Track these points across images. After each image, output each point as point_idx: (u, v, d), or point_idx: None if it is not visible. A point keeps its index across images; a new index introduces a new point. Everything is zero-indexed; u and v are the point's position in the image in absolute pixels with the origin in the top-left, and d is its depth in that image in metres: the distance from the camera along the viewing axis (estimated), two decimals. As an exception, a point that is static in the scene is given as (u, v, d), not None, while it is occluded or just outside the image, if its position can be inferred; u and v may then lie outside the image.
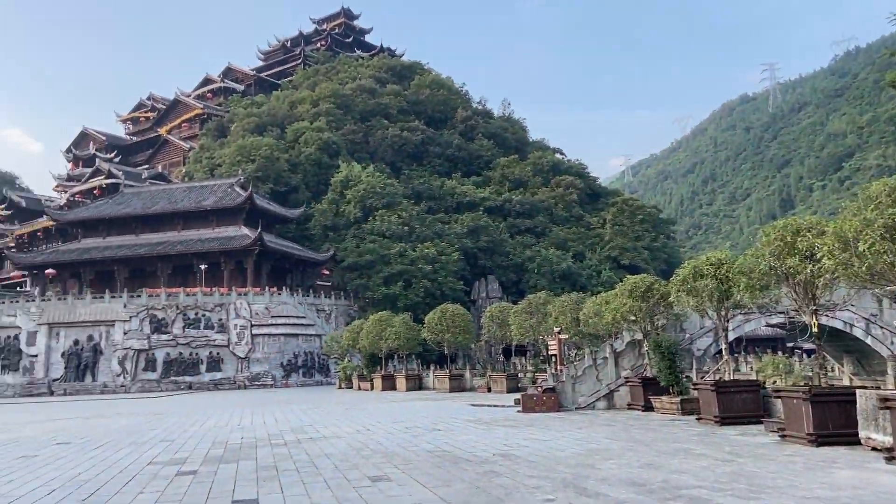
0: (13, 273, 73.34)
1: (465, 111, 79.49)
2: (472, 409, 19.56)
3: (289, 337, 47.06)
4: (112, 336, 45.07)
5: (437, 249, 54.38)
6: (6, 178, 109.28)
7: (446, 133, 74.24)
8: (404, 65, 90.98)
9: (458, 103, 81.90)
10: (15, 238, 74.02)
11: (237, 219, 52.21)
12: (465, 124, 76.90)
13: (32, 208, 76.47)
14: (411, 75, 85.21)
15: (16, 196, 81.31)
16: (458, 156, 71.56)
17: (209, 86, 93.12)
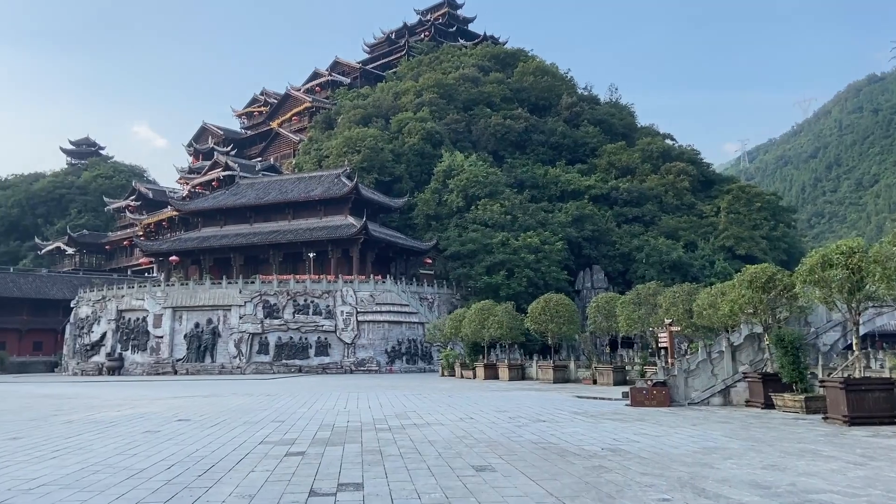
0: (142, 259, 78.64)
1: (569, 97, 77.96)
2: (578, 401, 19.11)
3: (392, 324, 47.87)
4: (229, 320, 47.38)
5: (541, 238, 53.67)
6: (135, 172, 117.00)
7: (550, 120, 73.09)
8: (507, 52, 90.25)
9: (562, 89, 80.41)
10: (143, 227, 79.27)
11: (343, 208, 53.54)
12: (570, 111, 75.42)
13: (158, 199, 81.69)
14: (515, 63, 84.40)
15: (143, 188, 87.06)
16: (563, 143, 70.29)
17: (317, 80, 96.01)
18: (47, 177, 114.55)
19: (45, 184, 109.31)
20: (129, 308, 51.01)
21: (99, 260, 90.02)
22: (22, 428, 13.90)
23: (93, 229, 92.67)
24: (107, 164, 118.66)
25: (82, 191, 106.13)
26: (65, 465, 8.97)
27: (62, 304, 61.78)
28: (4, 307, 63.79)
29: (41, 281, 68.42)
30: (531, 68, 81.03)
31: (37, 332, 65.55)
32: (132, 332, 50.31)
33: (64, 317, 59.47)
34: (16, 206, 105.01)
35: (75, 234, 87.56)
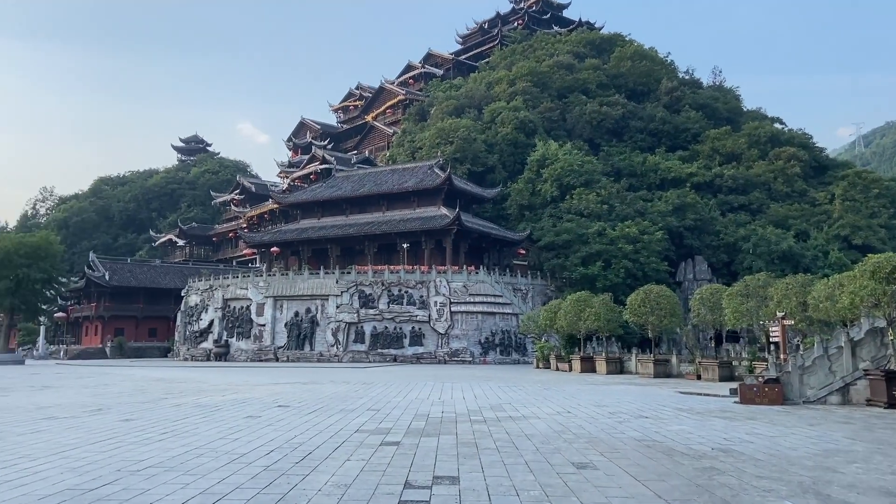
0: (246, 250, 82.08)
1: (669, 82, 75.09)
2: (682, 397, 18.27)
3: (486, 315, 47.68)
4: (326, 309, 48.56)
5: (639, 228, 51.98)
6: (239, 167, 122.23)
7: (649, 106, 70.69)
8: (604, 38, 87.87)
9: (661, 74, 77.54)
10: (247, 220, 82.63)
11: (436, 199, 53.74)
12: (670, 96, 72.65)
13: (260, 193, 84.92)
14: (611, 48, 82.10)
15: (247, 182, 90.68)
16: (662, 129, 67.82)
17: (411, 72, 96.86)
18: (160, 173, 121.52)
19: (158, 180, 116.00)
20: (234, 297, 53.18)
21: (207, 251, 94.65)
22: (135, 410, 14.58)
23: (201, 222, 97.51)
24: (213, 161, 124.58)
25: (191, 186, 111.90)
26: (170, 448, 9.25)
27: (174, 292, 65.20)
28: (123, 296, 68.07)
29: (155, 271, 72.54)
30: (629, 53, 78.58)
31: (152, 320, 69.60)
32: (237, 320, 52.43)
33: (175, 305, 62.75)
34: (132, 200, 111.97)
35: (185, 226, 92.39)
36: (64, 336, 75.24)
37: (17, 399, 17.78)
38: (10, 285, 48.08)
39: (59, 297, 68.74)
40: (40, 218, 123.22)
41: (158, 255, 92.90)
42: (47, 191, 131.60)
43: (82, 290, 69.74)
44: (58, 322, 74.31)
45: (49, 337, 74.40)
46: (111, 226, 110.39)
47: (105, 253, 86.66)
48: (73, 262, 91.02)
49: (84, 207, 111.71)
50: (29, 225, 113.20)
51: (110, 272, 67.18)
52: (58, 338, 75.64)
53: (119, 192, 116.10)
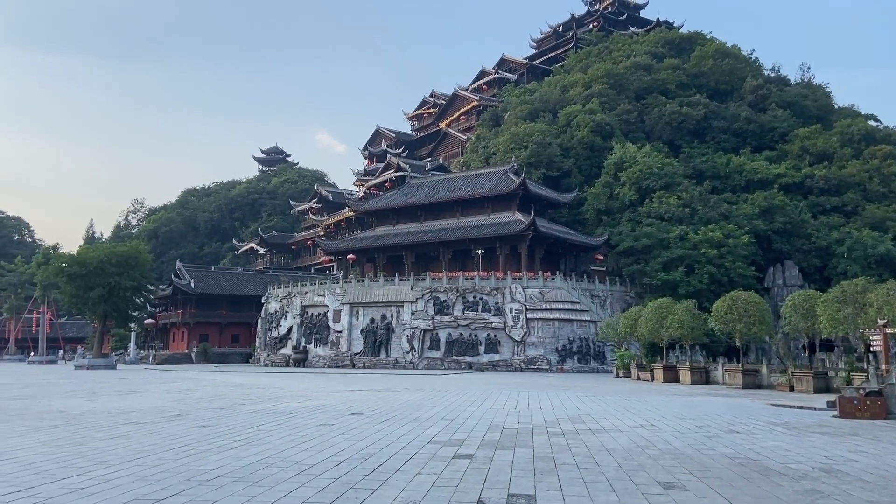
0: (323, 258, 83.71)
1: (754, 80, 72.05)
2: (774, 410, 17.15)
3: (563, 322, 46.76)
4: (401, 316, 48.71)
5: (723, 232, 50.07)
6: (317, 176, 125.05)
7: (732, 105, 68.02)
8: (683, 37, 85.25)
9: (745, 72, 74.52)
10: (324, 227, 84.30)
11: (511, 205, 53.22)
12: (755, 94, 69.68)
13: (337, 201, 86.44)
14: (691, 47, 79.55)
15: (324, 191, 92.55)
16: (747, 129, 65.10)
17: (484, 78, 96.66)
18: (242, 184, 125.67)
19: (240, 190, 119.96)
20: (312, 304, 54.09)
21: (286, 259, 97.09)
22: (212, 416, 14.74)
23: (281, 231, 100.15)
24: (293, 171, 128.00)
25: (272, 195, 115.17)
26: (242, 457, 9.16)
27: (255, 300, 66.97)
28: (208, 303, 70.44)
29: (237, 279, 74.80)
30: (710, 51, 75.91)
31: (234, 326, 71.73)
32: (314, 327, 53.29)
33: (256, 312, 64.41)
34: (217, 211, 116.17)
35: (265, 235, 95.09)
36: (153, 342, 78.50)
37: (103, 403, 18.37)
38: (102, 293, 50.40)
39: (148, 304, 71.74)
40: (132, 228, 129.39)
41: (241, 264, 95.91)
42: (138, 202, 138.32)
43: (170, 297, 72.61)
44: (147, 328, 77.54)
45: (139, 342, 77.72)
46: (197, 235, 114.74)
47: (191, 261, 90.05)
48: (162, 271, 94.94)
49: (172, 218, 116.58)
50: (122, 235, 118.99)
51: (195, 280, 69.65)
52: (147, 343, 78.96)
53: (204, 203, 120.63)
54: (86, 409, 16.60)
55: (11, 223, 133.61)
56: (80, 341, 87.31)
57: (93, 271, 50.45)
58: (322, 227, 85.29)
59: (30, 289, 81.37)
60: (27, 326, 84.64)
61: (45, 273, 59.92)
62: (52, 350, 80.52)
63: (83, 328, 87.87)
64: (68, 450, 9.85)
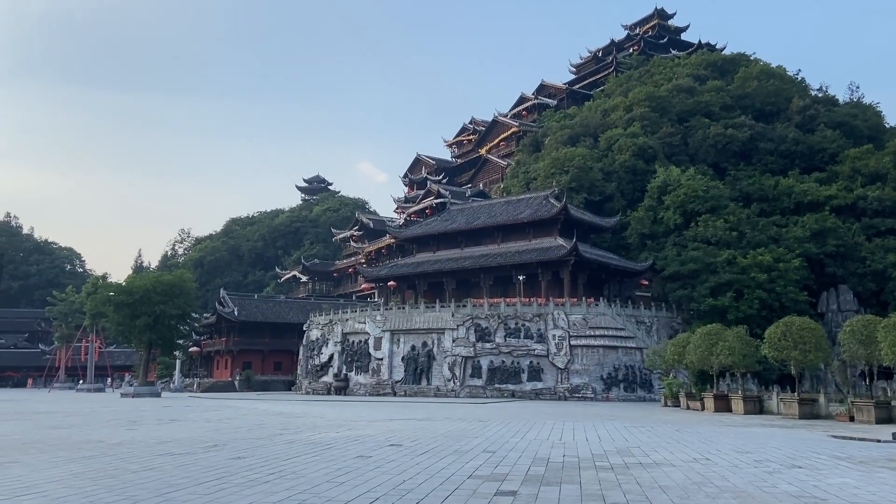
0: (364, 285, 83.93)
1: (801, 100, 70.35)
2: (837, 443, 16.13)
3: (608, 349, 45.70)
4: (442, 343, 48.19)
5: (773, 256, 48.47)
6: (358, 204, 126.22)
7: (779, 126, 66.40)
8: (726, 58, 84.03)
9: (792, 92, 72.88)
10: (365, 255, 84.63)
11: (552, 230, 52.58)
12: (803, 115, 67.95)
13: (378, 228, 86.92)
14: (734, 69, 78.26)
15: (365, 218, 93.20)
16: (795, 150, 63.39)
17: (524, 104, 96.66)
18: (285, 212, 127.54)
19: (283, 219, 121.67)
20: (353, 331, 53.97)
21: (328, 286, 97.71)
22: (248, 447, 14.45)
23: (323, 258, 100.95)
24: (334, 199, 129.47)
25: (314, 223, 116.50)
26: (273, 492, 8.79)
27: (297, 327, 67.19)
28: (251, 331, 70.98)
29: (280, 306, 75.32)
30: (754, 72, 74.56)
31: (277, 354, 72.05)
32: (355, 354, 53.10)
33: (298, 339, 64.58)
34: (260, 239, 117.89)
35: (308, 262, 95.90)
36: (197, 369, 79.36)
37: (142, 432, 18.27)
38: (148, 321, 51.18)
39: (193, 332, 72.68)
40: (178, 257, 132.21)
41: (283, 291, 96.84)
42: (185, 232, 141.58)
43: (214, 325, 73.41)
44: (192, 356, 78.47)
45: (184, 370, 78.70)
46: (241, 264, 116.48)
47: (235, 290, 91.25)
48: (207, 299, 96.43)
49: (217, 247, 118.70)
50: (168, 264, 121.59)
51: (239, 308, 70.33)
52: (192, 371, 79.86)
53: (248, 232, 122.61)
54: (124, 438, 16.49)
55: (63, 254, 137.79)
56: (128, 369, 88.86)
57: (139, 300, 51.35)
58: (363, 254, 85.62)
59: (80, 318, 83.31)
60: (76, 355, 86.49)
61: (94, 302, 61.27)
62: (101, 378, 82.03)
63: (131, 356, 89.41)
64: (99, 483, 9.61)
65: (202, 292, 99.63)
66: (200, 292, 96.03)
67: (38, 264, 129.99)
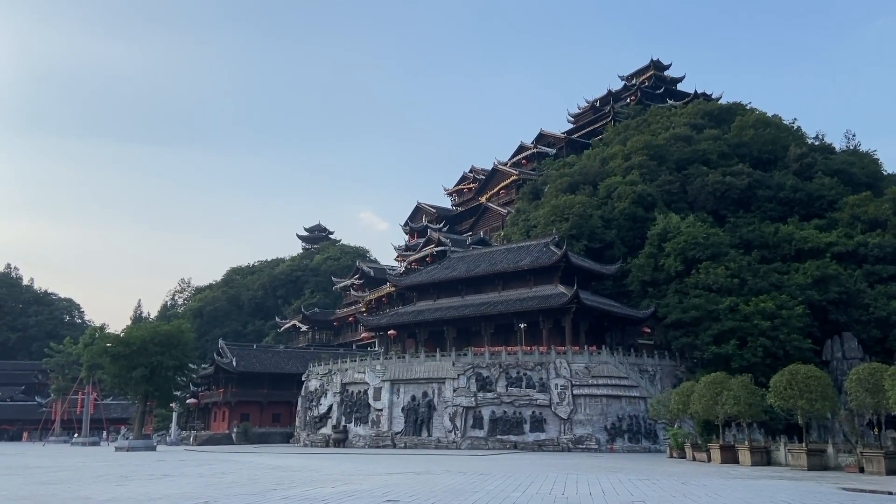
0: (364, 334, 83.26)
1: (798, 148, 71.00)
2: (848, 496, 15.62)
3: (611, 398, 45.08)
4: (443, 393, 47.54)
5: (776, 303, 48.26)
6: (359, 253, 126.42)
7: (777, 174, 66.83)
8: (722, 108, 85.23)
9: (788, 140, 73.65)
10: (365, 303, 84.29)
11: (553, 277, 52.44)
12: (800, 163, 68.48)
13: (378, 277, 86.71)
14: (731, 118, 79.25)
15: (366, 267, 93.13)
16: (794, 197, 63.64)
17: (523, 153, 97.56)
18: (286, 261, 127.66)
19: (284, 268, 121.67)
20: (352, 381, 53.33)
21: (328, 336, 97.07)
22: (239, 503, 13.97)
23: (323, 307, 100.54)
24: (335, 248, 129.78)
25: (314, 272, 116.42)
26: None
27: (296, 378, 66.43)
28: (249, 382, 70.13)
29: (279, 356, 74.61)
30: (751, 121, 75.51)
31: (275, 405, 71.06)
32: (354, 405, 52.37)
33: (298, 390, 63.77)
34: (261, 289, 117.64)
35: (308, 312, 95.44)
36: (194, 422, 78.20)
37: (132, 488, 17.75)
38: (144, 373, 50.56)
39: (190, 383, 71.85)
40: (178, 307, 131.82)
41: (283, 341, 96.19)
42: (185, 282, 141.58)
43: (211, 376, 72.59)
44: (189, 408, 77.43)
45: (181, 423, 77.52)
46: (241, 313, 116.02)
47: (235, 339, 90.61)
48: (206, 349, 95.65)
49: (217, 297, 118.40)
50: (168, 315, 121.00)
51: (237, 358, 69.66)
52: (189, 423, 78.69)
53: (248, 281, 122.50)
54: (112, 495, 15.98)
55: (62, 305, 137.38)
56: (124, 422, 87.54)
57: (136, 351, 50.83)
58: (363, 302, 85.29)
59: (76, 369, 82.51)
60: (73, 407, 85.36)
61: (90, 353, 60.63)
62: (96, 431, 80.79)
63: (127, 409, 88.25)
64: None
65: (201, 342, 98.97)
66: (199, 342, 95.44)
67: (37, 315, 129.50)
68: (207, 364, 75.51)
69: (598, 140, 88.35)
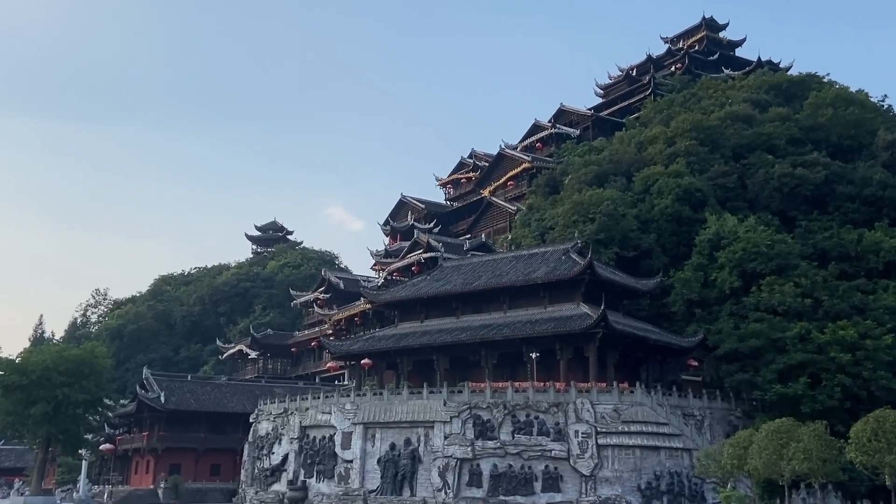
0: (330, 364, 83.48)
1: (889, 134, 71.54)
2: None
3: (646, 450, 45.20)
4: (431, 440, 47.57)
5: (859, 331, 48.56)
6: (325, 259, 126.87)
7: (861, 166, 67.45)
8: (793, 80, 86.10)
9: (876, 124, 74.32)
10: (332, 324, 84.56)
11: (574, 294, 52.60)
12: (891, 152, 69.08)
13: (350, 290, 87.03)
14: (804, 93, 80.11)
15: (334, 278, 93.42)
16: (883, 196, 64.08)
17: (538, 134, 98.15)
18: (231, 268, 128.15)
19: (228, 277, 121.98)
20: (314, 424, 53.37)
21: (284, 365, 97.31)
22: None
23: (278, 328, 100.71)
24: (294, 251, 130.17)
25: (267, 283, 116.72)
26: None
27: (242, 417, 66.47)
28: (180, 423, 70.10)
29: (220, 391, 74.68)
30: (829, 98, 76.13)
31: (214, 453, 71.07)
32: (317, 455, 52.38)
33: (244, 434, 63.82)
34: (197, 303, 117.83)
35: (258, 334, 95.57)
36: (110, 473, 78.01)
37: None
38: (46, 409, 50.38)
39: (105, 423, 71.72)
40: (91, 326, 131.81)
41: (226, 371, 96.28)
42: (100, 293, 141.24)
43: (133, 415, 72.53)
44: (104, 455, 77.25)
45: (93, 474, 77.24)
46: (172, 335, 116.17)
47: (164, 368, 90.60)
48: (126, 381, 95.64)
49: (141, 313, 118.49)
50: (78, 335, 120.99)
51: (167, 392, 69.65)
52: (103, 476, 78.53)
53: (182, 294, 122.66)
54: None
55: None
56: (19, 472, 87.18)
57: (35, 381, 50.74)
58: (330, 322, 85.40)
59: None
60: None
61: (-27, 385, 60.45)
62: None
63: (23, 455, 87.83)
64: None
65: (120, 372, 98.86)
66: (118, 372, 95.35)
67: None
68: (128, 399, 75.40)
69: (634, 119, 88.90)
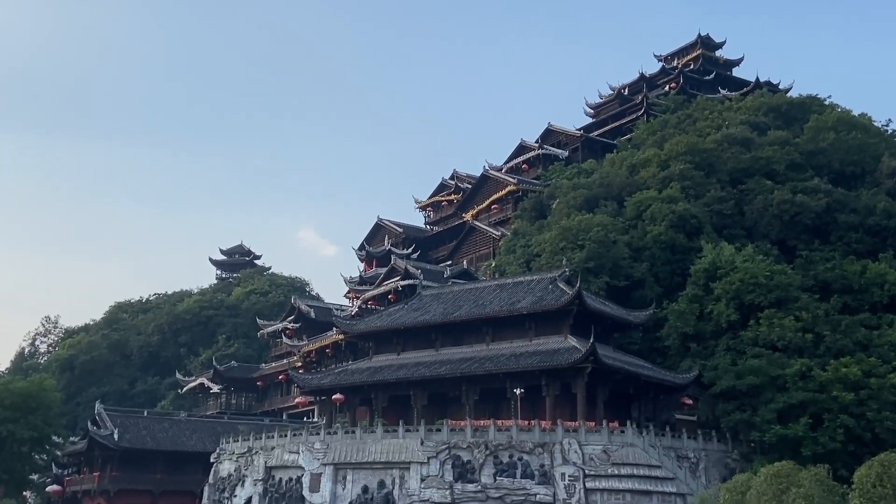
0: (299, 399, 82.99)
1: (893, 160, 72.73)
2: None
3: (638, 495, 45.28)
4: (406, 482, 47.42)
5: (863, 368, 48.91)
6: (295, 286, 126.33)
7: (865, 194, 68.26)
8: (793, 102, 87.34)
9: (880, 149, 75.39)
10: (302, 356, 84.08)
11: (561, 325, 52.80)
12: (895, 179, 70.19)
13: (322, 319, 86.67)
14: (804, 116, 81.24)
15: (304, 306, 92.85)
16: (887, 226, 64.85)
17: (524, 154, 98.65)
18: (193, 295, 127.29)
19: (190, 304, 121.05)
20: (281, 464, 53.08)
21: (249, 400, 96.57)
22: None
23: (243, 360, 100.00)
24: (262, 277, 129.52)
25: (232, 311, 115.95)
26: None
27: (202, 457, 65.78)
28: (136, 462, 69.15)
29: (179, 427, 73.82)
30: (830, 121, 77.20)
31: (171, 496, 70.10)
32: (283, 497, 52.08)
33: (204, 475, 63.18)
34: (156, 332, 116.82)
35: (222, 366, 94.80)
36: (57, 518, 76.82)
37: None
38: (-12, 447, 49.86)
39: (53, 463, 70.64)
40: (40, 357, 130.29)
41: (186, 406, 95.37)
42: (50, 321, 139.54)
43: (83, 453, 71.52)
44: (50, 498, 76.16)
45: (38, 519, 76.11)
46: (128, 366, 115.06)
47: (119, 402, 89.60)
48: (77, 416, 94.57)
49: (95, 342, 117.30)
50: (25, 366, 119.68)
51: (121, 429, 68.74)
52: (49, 521, 77.31)
53: (140, 322, 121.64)
54: None
55: None
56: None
57: (-26, 416, 50.10)
58: (300, 354, 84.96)
59: None
60: None
61: None
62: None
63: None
64: None
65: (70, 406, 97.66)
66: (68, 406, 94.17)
67: None
68: (78, 436, 74.45)
69: (626, 140, 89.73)
